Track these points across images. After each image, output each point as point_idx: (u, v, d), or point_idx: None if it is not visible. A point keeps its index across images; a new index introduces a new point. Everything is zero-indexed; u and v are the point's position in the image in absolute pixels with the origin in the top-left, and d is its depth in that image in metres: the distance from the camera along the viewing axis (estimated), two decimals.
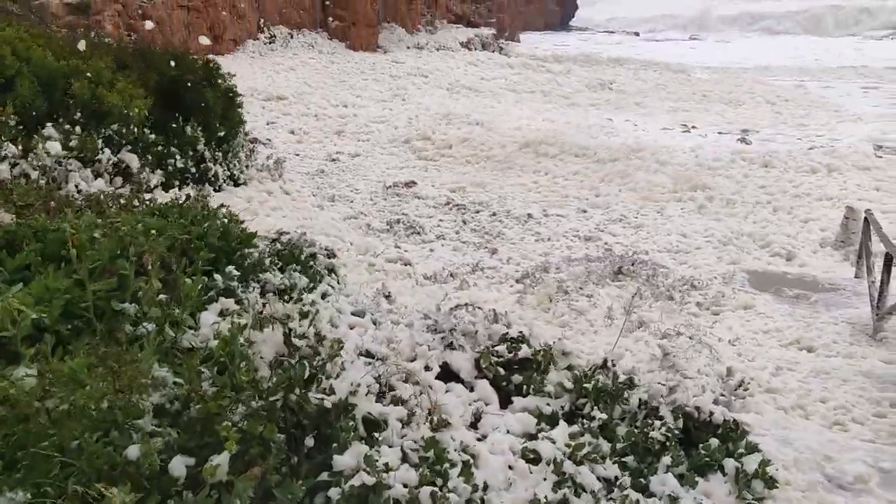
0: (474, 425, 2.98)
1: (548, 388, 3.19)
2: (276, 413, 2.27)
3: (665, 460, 2.92)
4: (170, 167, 7.92)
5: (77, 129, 6.89)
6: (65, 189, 5.97)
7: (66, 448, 1.96)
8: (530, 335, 3.49)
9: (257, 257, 3.74)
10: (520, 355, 3.37)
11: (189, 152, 8.33)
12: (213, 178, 8.33)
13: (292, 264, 4.25)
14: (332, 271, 4.90)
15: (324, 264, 4.75)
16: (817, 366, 6.48)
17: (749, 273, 9.60)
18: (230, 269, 3.29)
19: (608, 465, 2.85)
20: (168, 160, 7.94)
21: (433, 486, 2.15)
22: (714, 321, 7.65)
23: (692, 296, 8.25)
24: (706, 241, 11.13)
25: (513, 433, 2.93)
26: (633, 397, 3.25)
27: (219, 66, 9.39)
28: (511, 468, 2.66)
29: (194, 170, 8.40)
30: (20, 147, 5.93)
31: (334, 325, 3.29)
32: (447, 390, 3.14)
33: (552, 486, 2.62)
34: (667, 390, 3.35)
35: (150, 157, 7.63)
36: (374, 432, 2.41)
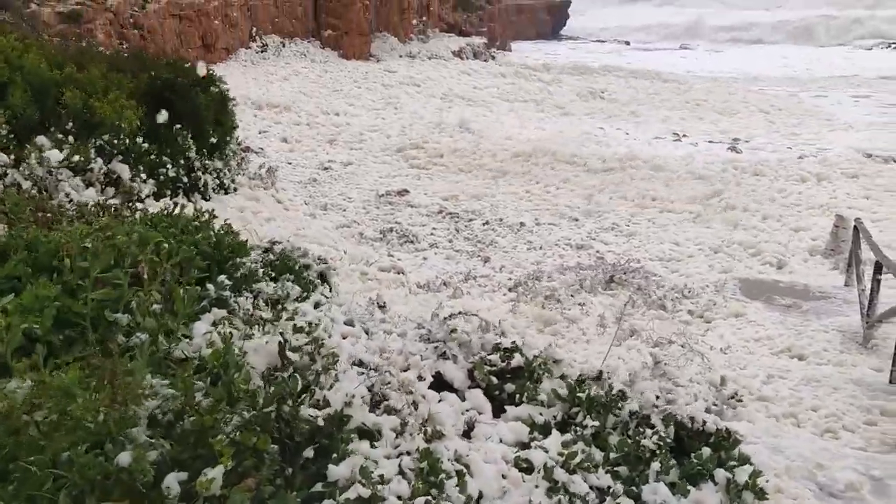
0: (467, 434, 2.99)
1: (541, 396, 3.20)
2: (270, 424, 2.27)
3: (657, 469, 2.93)
4: (161, 176, 7.91)
5: (69, 138, 6.88)
6: (56, 199, 5.95)
7: (58, 460, 1.96)
8: (523, 344, 3.50)
9: (250, 267, 3.74)
10: (513, 364, 3.38)
11: (181, 161, 8.32)
12: (203, 187, 8.32)
13: (285, 274, 4.25)
14: (324, 280, 4.91)
15: (316, 273, 4.76)
16: (808, 374, 6.51)
17: (740, 281, 9.66)
18: (222, 278, 3.29)
19: (601, 474, 2.85)
20: (160, 169, 7.92)
21: (428, 496, 2.15)
22: (706, 329, 7.69)
23: (684, 304, 8.29)
24: (698, 250, 11.19)
25: (506, 442, 2.94)
26: (626, 407, 3.26)
27: (211, 72, 9.41)
28: (504, 477, 2.66)
29: (186, 179, 8.39)
30: (12, 157, 5.91)
31: (328, 334, 3.29)
32: (440, 400, 3.14)
33: (545, 494, 2.63)
34: (659, 399, 3.37)
35: (142, 166, 7.62)
36: (368, 442, 2.41)
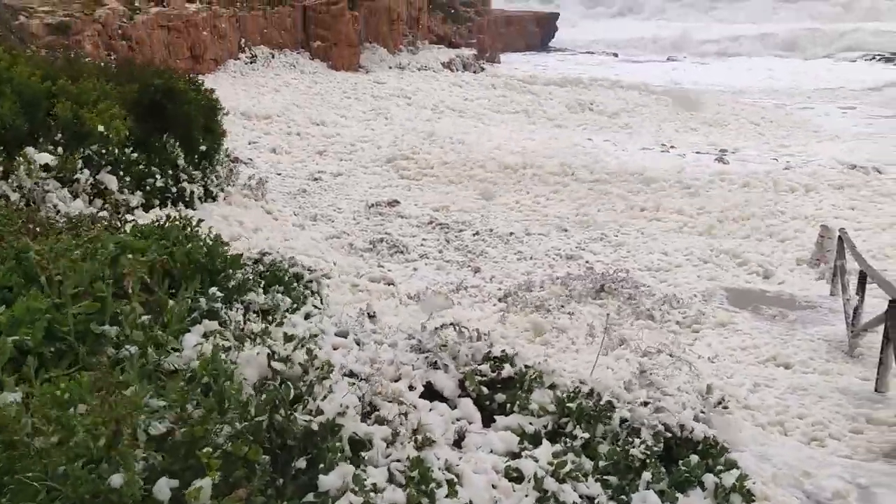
0: (458, 444, 3.00)
1: (531, 406, 3.22)
2: (262, 434, 2.28)
3: (646, 477, 2.96)
4: (149, 187, 7.89)
5: (58, 149, 6.86)
6: (43, 210, 5.93)
7: (53, 473, 1.96)
8: (514, 354, 3.52)
9: (241, 278, 3.75)
10: (503, 374, 3.40)
11: (169, 171, 8.30)
12: (189, 198, 8.30)
13: (275, 285, 4.27)
14: (315, 292, 4.92)
15: (306, 284, 4.77)
16: (794, 382, 6.58)
17: (728, 291, 9.74)
18: (213, 290, 3.29)
19: (590, 483, 2.88)
20: (147, 179, 7.90)
21: None
22: (694, 339, 7.75)
23: (672, 314, 8.35)
24: (686, 260, 11.28)
25: (496, 452, 2.96)
26: (615, 416, 3.29)
27: (201, 81, 9.44)
28: (495, 487, 2.68)
29: (174, 189, 8.37)
30: (0, 168, 5.89)
31: (318, 346, 3.30)
32: (431, 409, 3.16)
33: (535, 503, 2.65)
34: (648, 409, 3.40)
35: (130, 176, 7.60)
36: (359, 452, 2.42)
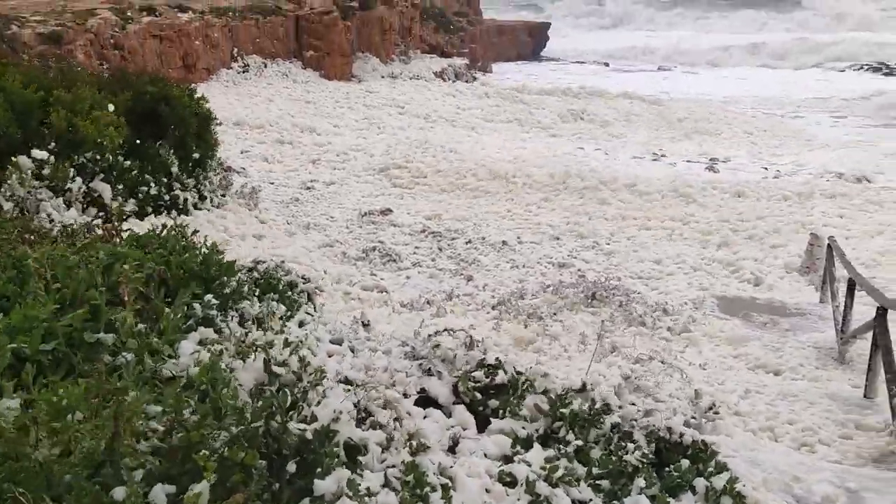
0: (452, 449, 3.04)
1: (524, 412, 3.26)
2: (258, 440, 2.31)
3: (638, 482, 3.00)
4: (141, 194, 7.90)
5: (50, 158, 6.87)
6: (37, 219, 5.94)
7: (56, 483, 1.98)
8: (506, 361, 3.56)
9: (235, 286, 3.78)
10: (496, 380, 3.44)
11: (163, 179, 8.32)
12: (183, 205, 8.32)
13: (269, 293, 4.29)
14: (309, 299, 4.95)
15: (300, 292, 4.80)
16: (784, 389, 6.64)
17: (718, 298, 9.81)
18: (209, 298, 3.32)
19: (583, 488, 2.91)
20: (141, 187, 7.92)
21: None
22: (685, 345, 7.80)
23: (664, 321, 8.40)
24: (677, 268, 11.35)
25: (490, 456, 2.99)
26: (607, 421, 3.33)
27: (194, 90, 9.48)
28: (488, 491, 2.71)
29: (167, 196, 8.38)
30: None
31: (313, 353, 3.33)
32: (425, 416, 3.19)
33: None
34: (640, 413, 3.44)
35: (123, 184, 7.62)
36: (355, 457, 2.45)
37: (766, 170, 19.34)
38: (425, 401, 3.37)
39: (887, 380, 5.90)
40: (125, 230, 4.19)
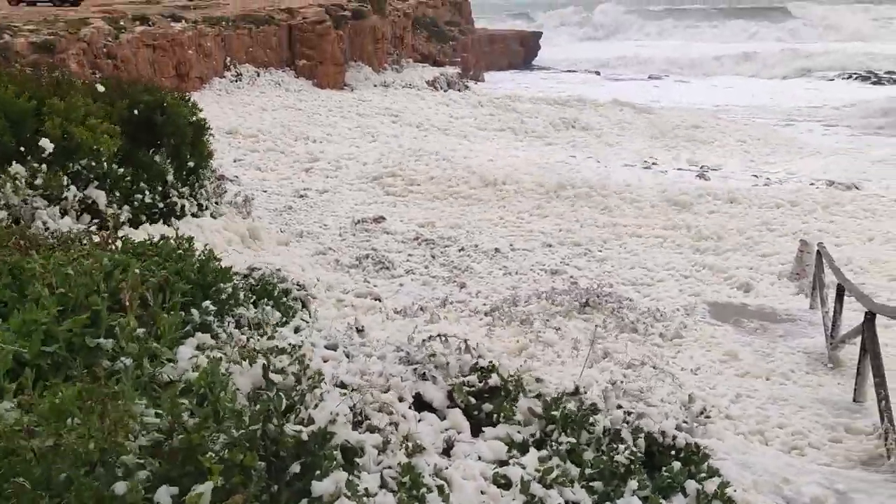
0: (447, 453, 3.07)
1: (517, 416, 3.30)
2: (257, 442, 2.34)
3: (630, 484, 3.04)
4: (137, 203, 7.91)
5: (43, 166, 6.88)
6: (32, 228, 5.95)
7: (54, 481, 2.01)
8: (500, 365, 3.60)
9: (231, 292, 3.81)
10: (490, 384, 3.48)
11: (157, 187, 8.33)
12: (179, 213, 8.34)
13: (264, 299, 4.33)
14: (303, 306, 4.98)
15: (294, 298, 4.84)
16: (775, 393, 6.70)
17: (710, 305, 9.90)
18: (207, 304, 3.36)
19: (576, 489, 2.95)
20: (136, 195, 7.93)
21: None
22: (677, 351, 7.87)
23: (656, 327, 8.47)
24: (668, 274, 11.44)
25: (484, 459, 3.03)
26: (599, 423, 3.37)
27: (188, 97, 9.50)
28: (483, 493, 2.75)
29: (162, 204, 8.39)
30: None
31: (309, 357, 3.36)
32: (420, 419, 3.23)
33: None
34: (631, 416, 3.49)
35: (118, 192, 7.63)
36: (351, 459, 2.49)
37: (757, 178, 19.52)
38: (420, 405, 3.41)
39: (875, 384, 5.97)
40: (121, 236, 4.22)
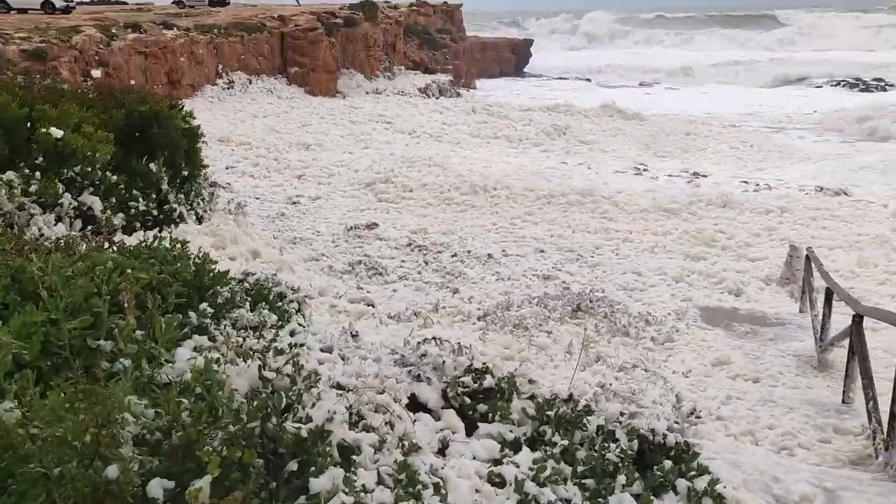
0: (442, 452, 3.11)
1: (512, 415, 3.35)
2: (255, 440, 2.38)
3: (622, 481, 3.09)
4: (132, 210, 7.93)
5: (37, 173, 6.90)
6: (28, 234, 5.96)
7: (51, 475, 2.05)
8: (494, 366, 3.65)
9: (228, 296, 3.84)
10: (484, 385, 3.52)
11: (152, 195, 8.35)
12: (177, 219, 8.36)
13: (261, 303, 4.36)
14: (298, 310, 5.01)
15: (290, 299, 4.86)
16: (765, 395, 6.78)
17: (701, 309, 9.98)
18: (204, 306, 3.39)
19: (569, 487, 3.00)
20: (130, 203, 7.94)
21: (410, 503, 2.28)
22: (668, 355, 7.94)
23: (647, 331, 8.54)
24: (659, 279, 11.52)
25: (479, 459, 3.07)
26: (592, 423, 3.42)
27: (182, 106, 9.52)
28: (478, 491, 2.79)
29: (156, 212, 8.41)
30: None
31: (305, 359, 3.40)
32: (415, 420, 3.27)
33: None
34: (623, 416, 3.54)
35: (113, 199, 7.65)
36: (349, 457, 2.53)
37: (747, 183, 19.68)
38: (415, 405, 3.45)
39: (863, 385, 6.05)
40: (117, 241, 4.26)
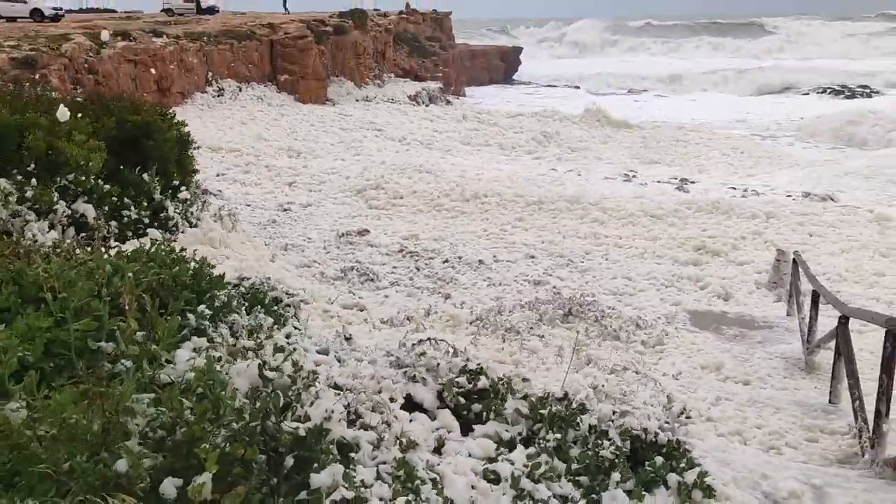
0: (438, 451, 3.17)
1: (506, 413, 3.42)
2: (256, 437, 2.44)
3: (615, 477, 3.16)
4: (125, 218, 7.95)
5: (32, 180, 6.92)
6: (24, 240, 5.98)
7: (59, 469, 2.09)
8: (488, 367, 3.72)
9: (225, 299, 3.90)
10: (479, 385, 3.59)
11: (144, 203, 8.38)
12: (173, 227, 8.39)
13: (257, 306, 4.42)
14: (294, 314, 5.07)
15: (286, 303, 4.92)
16: (753, 396, 6.88)
17: (690, 313, 10.09)
18: (202, 308, 3.44)
19: (563, 483, 3.07)
20: (123, 211, 7.96)
21: (408, 498, 2.34)
22: (658, 358, 8.03)
23: (638, 335, 8.63)
24: (649, 284, 11.63)
25: (474, 457, 3.13)
26: (585, 422, 3.50)
27: (173, 114, 9.54)
28: (474, 487, 2.86)
29: (148, 220, 8.42)
30: None
31: (303, 360, 3.46)
32: (411, 420, 3.33)
33: (512, 502, 2.83)
34: (616, 415, 3.61)
35: (107, 207, 7.67)
36: (347, 455, 2.59)
37: (735, 189, 19.88)
38: (411, 406, 3.51)
39: (850, 385, 6.15)
40: (113, 246, 4.30)
